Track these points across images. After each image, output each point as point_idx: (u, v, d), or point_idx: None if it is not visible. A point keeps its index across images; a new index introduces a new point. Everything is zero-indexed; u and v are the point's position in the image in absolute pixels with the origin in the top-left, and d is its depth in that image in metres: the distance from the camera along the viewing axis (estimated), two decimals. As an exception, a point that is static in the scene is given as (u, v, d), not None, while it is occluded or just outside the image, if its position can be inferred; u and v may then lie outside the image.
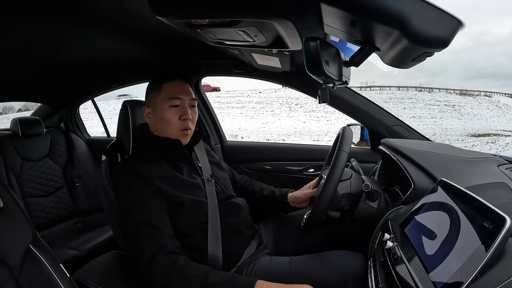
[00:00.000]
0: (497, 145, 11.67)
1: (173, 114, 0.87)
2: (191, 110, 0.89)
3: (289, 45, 0.76)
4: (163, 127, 0.88)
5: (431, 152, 0.84)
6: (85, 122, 2.14)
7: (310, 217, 0.83)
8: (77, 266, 0.83)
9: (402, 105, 20.39)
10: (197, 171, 0.94)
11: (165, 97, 0.87)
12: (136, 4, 0.78)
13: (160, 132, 0.89)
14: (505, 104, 19.85)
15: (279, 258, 0.90)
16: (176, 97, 0.87)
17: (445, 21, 0.46)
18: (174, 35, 0.99)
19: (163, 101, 0.87)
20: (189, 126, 0.88)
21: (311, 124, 17.94)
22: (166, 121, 0.87)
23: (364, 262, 0.82)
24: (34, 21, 0.84)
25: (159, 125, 0.88)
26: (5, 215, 0.66)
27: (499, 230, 0.41)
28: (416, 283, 0.48)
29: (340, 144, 0.82)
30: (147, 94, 0.92)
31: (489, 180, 0.64)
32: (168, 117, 0.86)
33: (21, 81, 1.51)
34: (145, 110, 0.91)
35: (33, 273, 0.64)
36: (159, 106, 0.87)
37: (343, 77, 0.68)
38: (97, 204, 1.79)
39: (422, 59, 0.55)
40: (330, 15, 0.56)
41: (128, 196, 0.79)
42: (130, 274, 0.80)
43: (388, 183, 0.98)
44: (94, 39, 1.07)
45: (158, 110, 0.88)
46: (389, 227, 0.66)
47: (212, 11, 0.61)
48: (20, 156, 1.66)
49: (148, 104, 0.91)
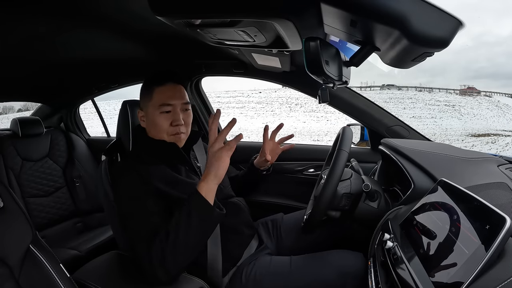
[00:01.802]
0: (497, 145, 11.70)
1: (165, 119, 0.86)
2: (183, 114, 0.88)
3: (289, 45, 0.76)
4: (155, 131, 0.88)
5: (431, 152, 0.84)
6: (85, 122, 2.14)
7: (310, 217, 0.83)
8: (77, 266, 0.83)
9: (402, 105, 20.45)
10: (195, 172, 0.93)
11: (156, 104, 0.85)
12: (136, 4, 0.78)
13: (154, 136, 0.89)
14: (505, 104, 19.90)
15: (279, 258, 0.90)
16: (167, 103, 0.85)
17: (445, 21, 0.46)
18: (174, 35, 0.99)
19: (154, 107, 0.86)
20: (180, 131, 0.87)
21: (311, 124, 17.98)
22: (157, 127, 0.86)
23: (364, 262, 0.82)
24: (34, 20, 0.84)
25: (151, 129, 0.89)
26: (5, 215, 0.66)
27: (499, 230, 0.41)
28: (416, 283, 0.47)
29: (340, 144, 0.82)
30: (140, 97, 0.92)
31: (489, 180, 0.64)
32: (159, 123, 0.86)
33: (21, 81, 1.51)
34: (139, 113, 0.92)
35: (33, 273, 0.64)
36: (150, 111, 0.87)
37: (343, 77, 0.67)
38: (97, 204, 1.79)
39: (422, 59, 0.55)
40: (330, 15, 0.55)
41: (128, 196, 0.79)
42: (130, 274, 0.80)
43: (388, 183, 0.98)
44: (94, 39, 1.07)
45: (149, 115, 0.87)
46: (389, 227, 0.66)
47: (212, 11, 0.60)
48: (20, 156, 1.67)
49: (141, 108, 0.91)
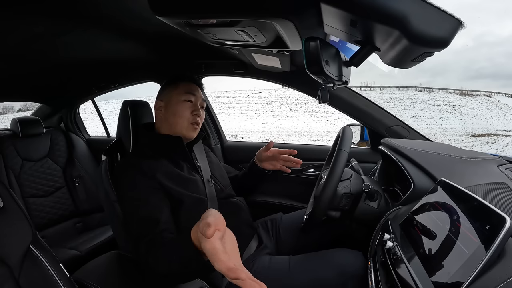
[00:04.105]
0: (497, 145, 11.71)
1: (187, 108, 0.93)
2: (201, 110, 0.96)
3: (289, 45, 0.76)
4: (174, 119, 0.92)
5: (431, 152, 0.84)
6: (85, 122, 2.14)
7: (310, 217, 0.83)
8: (77, 266, 0.83)
9: (402, 105, 20.45)
10: (196, 170, 0.95)
11: (182, 91, 0.94)
12: (136, 4, 0.78)
13: (168, 126, 0.93)
14: (505, 104, 19.91)
15: (278, 258, 0.90)
16: (192, 93, 0.95)
17: (445, 21, 0.46)
18: (174, 35, 0.99)
19: (179, 94, 0.94)
20: (198, 121, 0.95)
21: (311, 124, 17.98)
22: (179, 113, 0.92)
23: (363, 260, 0.82)
24: (34, 20, 0.84)
25: (170, 117, 0.93)
26: (5, 215, 0.66)
27: (499, 230, 0.41)
28: (416, 283, 0.47)
29: (340, 143, 0.82)
30: (162, 90, 0.98)
31: (489, 180, 0.64)
32: (181, 109, 0.93)
33: (21, 81, 1.51)
34: (157, 104, 0.96)
35: (33, 273, 0.64)
36: (174, 99, 0.94)
37: (343, 77, 0.67)
38: (97, 204, 1.79)
39: (422, 59, 0.55)
40: (330, 15, 0.55)
41: (130, 193, 0.79)
42: (130, 274, 0.80)
43: (388, 183, 0.98)
44: (94, 39, 1.07)
45: (172, 102, 0.94)
46: (389, 227, 0.66)
47: (212, 11, 0.60)
48: (20, 156, 1.67)
49: (161, 98, 0.96)
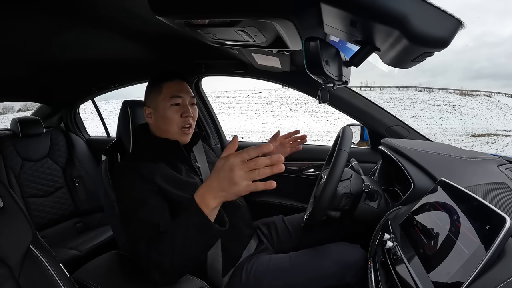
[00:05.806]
0: (497, 145, 11.71)
1: (175, 112, 0.89)
2: (191, 108, 0.91)
3: (289, 45, 0.76)
4: (165, 125, 0.89)
5: (431, 152, 0.84)
6: (85, 122, 2.14)
7: (310, 217, 0.83)
8: (77, 266, 0.82)
9: (402, 105, 20.44)
10: (195, 172, 0.94)
11: (166, 96, 0.88)
12: (136, 4, 0.78)
13: (161, 132, 0.90)
14: (505, 104, 19.90)
15: (278, 256, 0.90)
16: (177, 95, 0.89)
17: (445, 21, 0.46)
18: (174, 35, 0.99)
19: (164, 100, 0.88)
20: (190, 122, 0.90)
21: (311, 124, 17.97)
22: (168, 119, 0.88)
23: (362, 253, 0.82)
24: (34, 19, 0.84)
25: (161, 124, 0.90)
26: (5, 215, 0.66)
27: (499, 230, 0.41)
28: (416, 283, 0.47)
29: (340, 143, 0.82)
30: (147, 95, 0.93)
31: (489, 180, 0.64)
32: (169, 115, 0.88)
33: (21, 81, 1.51)
34: (146, 110, 0.92)
35: (33, 273, 0.64)
36: (160, 106, 0.89)
37: (343, 77, 0.67)
38: (97, 204, 1.79)
39: (422, 59, 0.55)
40: (330, 15, 0.55)
41: (129, 195, 0.79)
42: (130, 274, 0.80)
43: (388, 183, 0.98)
44: (94, 39, 1.07)
45: (159, 109, 0.89)
46: (389, 227, 0.66)
47: (212, 11, 0.60)
48: (20, 156, 1.67)
49: (148, 105, 0.92)
